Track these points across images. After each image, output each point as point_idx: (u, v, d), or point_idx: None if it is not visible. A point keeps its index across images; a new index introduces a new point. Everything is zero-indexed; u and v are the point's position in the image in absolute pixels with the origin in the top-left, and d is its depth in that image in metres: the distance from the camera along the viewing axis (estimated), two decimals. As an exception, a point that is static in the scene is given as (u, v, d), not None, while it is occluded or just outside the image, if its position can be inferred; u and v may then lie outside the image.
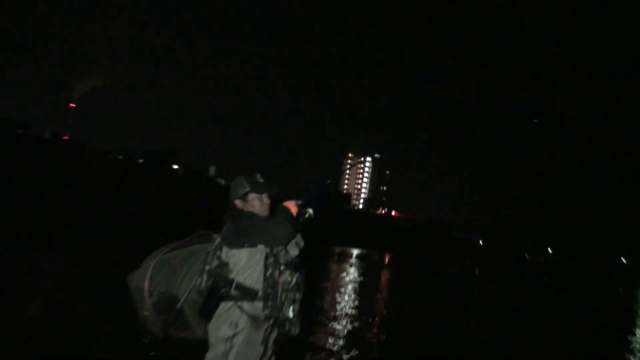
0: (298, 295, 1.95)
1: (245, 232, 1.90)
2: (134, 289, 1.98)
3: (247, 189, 2.10)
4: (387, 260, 32.18)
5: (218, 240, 2.00)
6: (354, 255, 29.34)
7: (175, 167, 56.95)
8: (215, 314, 1.88)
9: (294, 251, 2.02)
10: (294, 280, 1.93)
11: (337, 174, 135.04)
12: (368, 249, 41.73)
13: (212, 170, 69.03)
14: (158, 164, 49.94)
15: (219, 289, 1.88)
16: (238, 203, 2.10)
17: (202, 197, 34.59)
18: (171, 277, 1.97)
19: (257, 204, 2.09)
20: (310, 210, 2.09)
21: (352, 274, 15.75)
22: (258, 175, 2.12)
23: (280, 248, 1.95)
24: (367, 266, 22.02)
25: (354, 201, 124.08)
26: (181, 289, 1.96)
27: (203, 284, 1.92)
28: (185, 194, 35.65)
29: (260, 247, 1.92)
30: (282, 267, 1.93)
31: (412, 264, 31.07)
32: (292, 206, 2.01)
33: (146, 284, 1.94)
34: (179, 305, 1.93)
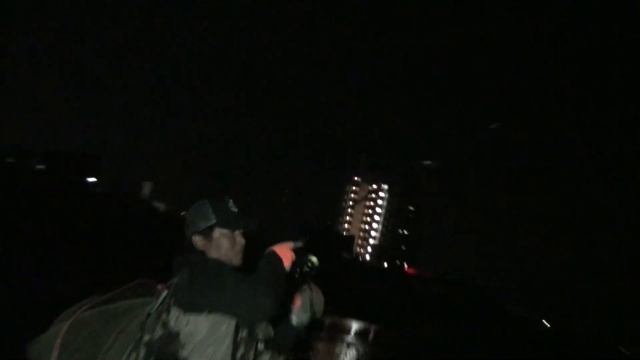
0: None
1: (207, 292, 1.87)
2: None
3: (213, 221, 2.10)
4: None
5: (164, 295, 1.99)
6: (353, 331, 30.04)
7: (92, 179, 57.50)
8: None
9: (303, 317, 2.07)
10: None
11: (335, 207, 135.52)
12: (374, 323, 41.41)
13: (146, 188, 70.19)
14: (65, 173, 49.64)
15: None
16: (197, 241, 2.11)
17: (131, 227, 35.05)
18: (92, 347, 1.93)
19: (225, 244, 2.11)
20: (314, 259, 2.08)
21: None
22: (230, 201, 2.15)
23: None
24: (374, 352, 22.14)
25: (359, 248, 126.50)
26: None
27: None
28: (105, 220, 34.82)
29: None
30: (260, 347, 1.97)
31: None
32: (284, 252, 2.03)
33: (54, 356, 1.85)
34: None
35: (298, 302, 2.07)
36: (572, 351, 63.36)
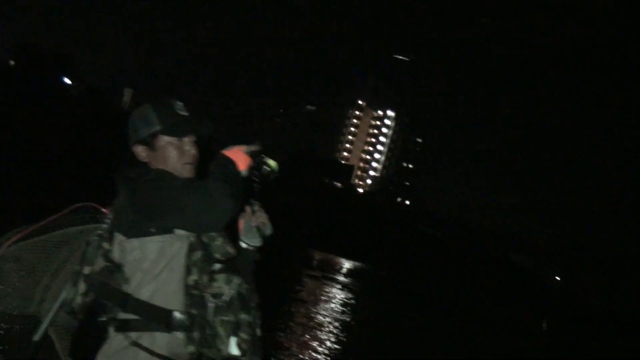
0: (245, 317, 1.84)
1: (151, 207, 1.78)
2: None
3: (157, 127, 1.96)
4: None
5: (109, 221, 1.91)
6: (345, 270, 30.73)
7: (67, 81, 57.35)
8: (99, 354, 1.80)
9: (253, 240, 2.03)
10: (235, 290, 1.83)
11: (335, 131, 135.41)
12: (367, 263, 42.52)
13: (127, 95, 70.09)
14: (37, 70, 49.51)
15: (105, 310, 1.80)
16: (140, 151, 1.98)
17: (108, 136, 35.96)
18: (26, 284, 1.98)
19: (172, 153, 1.97)
20: (272, 162, 2.00)
21: (342, 306, 16.02)
22: (178, 104, 2.03)
23: (213, 235, 1.88)
24: (366, 292, 22.25)
25: (357, 179, 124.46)
26: (44, 305, 1.97)
27: (79, 299, 1.84)
28: (79, 125, 35.41)
29: (180, 232, 1.81)
30: (215, 268, 1.85)
31: (440, 303, 31.71)
32: (237, 155, 1.90)
33: None
34: (39, 333, 1.94)
35: (241, 225, 2.07)
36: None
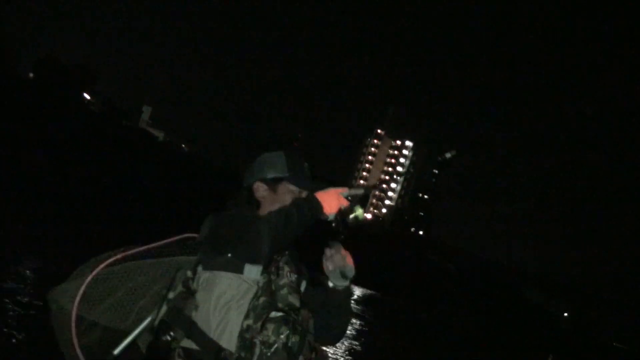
0: None
1: (224, 238, 1.85)
2: (56, 311, 1.94)
3: (285, 174, 2.10)
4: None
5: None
6: (357, 298, 29.73)
7: (87, 96, 55.79)
8: None
9: (338, 280, 2.04)
10: (282, 341, 1.78)
11: (351, 159, 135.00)
12: (378, 291, 42.70)
13: (146, 112, 70.67)
14: (56, 83, 47.61)
15: (163, 336, 1.83)
16: (260, 188, 2.11)
17: (132, 156, 34.14)
18: (128, 301, 1.99)
19: (288, 201, 2.06)
20: (360, 212, 2.03)
21: (356, 336, 15.73)
22: (305, 163, 2.16)
23: (280, 284, 1.89)
24: (382, 322, 21.90)
25: (372, 207, 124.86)
26: (132, 322, 1.99)
27: (158, 320, 1.88)
28: (99, 142, 33.75)
29: (250, 276, 1.86)
30: (272, 315, 1.80)
31: (448, 335, 31.80)
32: (329, 197, 1.93)
33: (75, 307, 1.87)
34: (119, 348, 1.96)
35: (324, 267, 2.05)
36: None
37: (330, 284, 2.07)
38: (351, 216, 2.01)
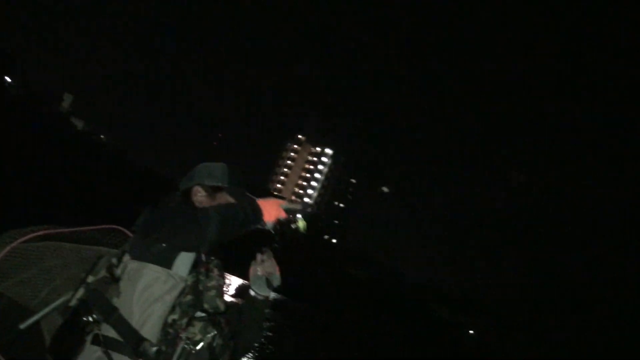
0: None
1: (154, 224, 1.89)
2: None
3: (226, 185, 2.17)
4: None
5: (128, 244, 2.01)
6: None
7: (8, 79, 55.17)
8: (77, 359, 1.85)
9: (261, 289, 2.14)
10: (208, 341, 1.87)
11: (271, 161, 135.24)
12: (288, 295, 42.56)
13: (67, 100, 69.19)
14: None
15: (84, 317, 1.84)
16: (199, 193, 2.16)
17: (47, 142, 34.30)
18: (40, 280, 2.03)
19: None
20: (303, 226, 2.16)
21: (264, 340, 16.17)
22: (244, 180, 2.26)
23: (210, 285, 1.93)
24: (284, 326, 21.87)
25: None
26: (42, 301, 2.02)
27: (73, 302, 1.90)
28: (16, 127, 33.51)
29: (178, 273, 1.89)
30: (197, 315, 1.88)
31: (352, 341, 31.96)
32: (271, 207, 2.05)
33: None
34: (26, 323, 1.98)
35: (251, 272, 2.17)
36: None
37: (252, 293, 2.15)
38: (293, 226, 2.12)
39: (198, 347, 1.84)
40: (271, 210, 2.04)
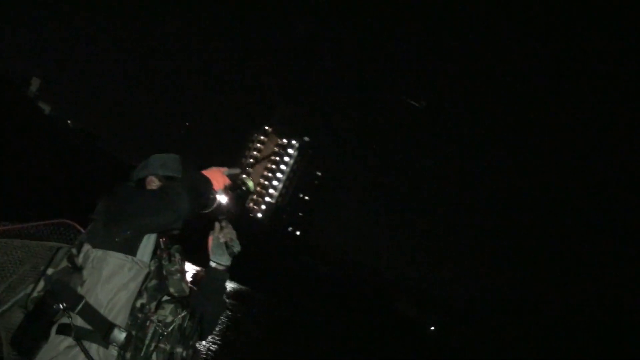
0: (180, 351, 1.89)
1: (117, 209, 1.89)
2: None
3: (179, 176, 2.18)
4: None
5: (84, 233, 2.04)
6: (228, 291, 29.71)
7: None
8: (42, 351, 1.84)
9: (221, 259, 2.22)
10: (178, 322, 1.89)
11: (237, 151, 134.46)
12: (250, 286, 42.78)
13: (35, 84, 66.91)
14: None
15: (52, 307, 1.82)
16: (152, 182, 2.20)
17: (15, 131, 33.07)
18: None
19: None
20: (250, 184, 2.20)
21: (224, 329, 16.01)
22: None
23: (173, 269, 2.01)
24: (250, 316, 22.05)
25: (252, 203, 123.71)
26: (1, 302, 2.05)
27: (34, 295, 1.88)
28: None
29: (141, 260, 1.94)
30: (165, 298, 1.93)
31: (313, 335, 32.04)
32: (214, 175, 2.09)
33: None
34: None
35: (210, 242, 2.23)
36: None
37: (212, 264, 2.21)
38: (243, 188, 2.16)
39: (170, 329, 1.85)
40: (217, 178, 2.08)
